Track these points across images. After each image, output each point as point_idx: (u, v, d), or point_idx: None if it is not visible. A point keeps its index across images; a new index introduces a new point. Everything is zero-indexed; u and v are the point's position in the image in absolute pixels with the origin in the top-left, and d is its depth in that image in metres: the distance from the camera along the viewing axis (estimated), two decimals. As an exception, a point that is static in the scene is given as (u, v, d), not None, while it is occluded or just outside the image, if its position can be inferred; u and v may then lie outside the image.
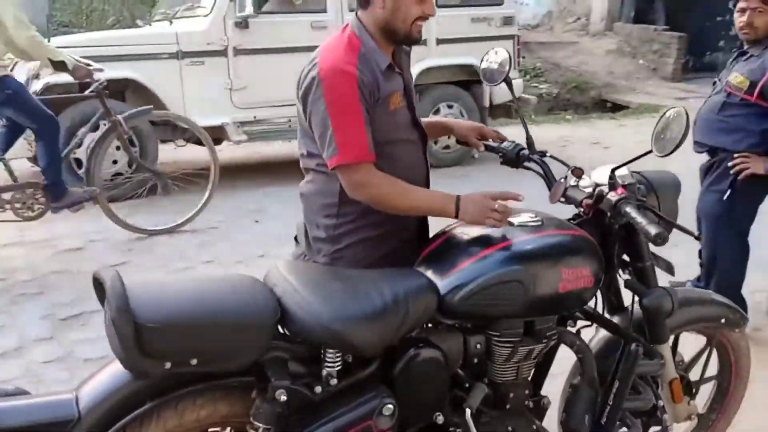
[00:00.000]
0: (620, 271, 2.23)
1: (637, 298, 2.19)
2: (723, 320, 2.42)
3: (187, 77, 5.46)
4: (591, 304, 2.16)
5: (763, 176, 3.30)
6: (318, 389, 1.78)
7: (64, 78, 4.88)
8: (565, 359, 2.24)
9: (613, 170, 2.04)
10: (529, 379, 2.13)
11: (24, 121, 4.65)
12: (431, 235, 2.21)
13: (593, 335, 2.32)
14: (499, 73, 2.37)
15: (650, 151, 2.01)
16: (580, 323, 2.20)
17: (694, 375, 2.55)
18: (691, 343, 2.55)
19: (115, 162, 5.78)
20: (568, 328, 2.16)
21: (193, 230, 5.24)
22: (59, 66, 4.61)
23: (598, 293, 2.14)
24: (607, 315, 2.26)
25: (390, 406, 1.80)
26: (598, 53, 12.86)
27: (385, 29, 2.10)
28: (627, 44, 12.92)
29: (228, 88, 6.02)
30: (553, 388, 2.27)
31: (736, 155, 3.31)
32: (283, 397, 1.72)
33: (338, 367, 1.80)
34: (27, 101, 4.62)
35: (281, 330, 1.79)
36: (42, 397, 1.69)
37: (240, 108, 6.04)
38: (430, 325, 2.02)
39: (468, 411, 1.95)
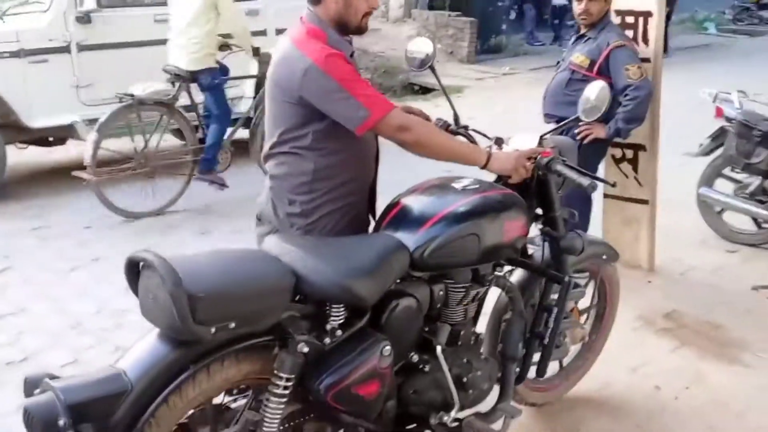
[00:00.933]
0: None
1: (548, 242, 2.65)
2: (605, 256, 2.95)
3: (31, 76, 5.22)
4: None
5: (603, 140, 3.95)
6: (327, 341, 2.05)
7: None
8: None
9: (541, 137, 2.47)
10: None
11: (211, 106, 5.59)
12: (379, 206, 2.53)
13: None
14: (423, 62, 2.72)
15: (578, 117, 2.46)
16: (506, 268, 2.62)
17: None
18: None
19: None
20: (497, 273, 2.57)
21: (66, 232, 5.11)
22: (256, 52, 5.63)
23: None
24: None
25: (388, 347, 2.10)
26: (401, 39, 13.45)
27: (339, 22, 2.35)
28: (425, 29, 13.66)
29: (74, 86, 5.82)
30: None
31: (581, 123, 3.91)
32: (306, 349, 1.97)
33: (341, 321, 2.08)
34: (222, 92, 5.62)
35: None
36: (88, 375, 1.81)
37: (88, 105, 5.84)
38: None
39: (438, 348, 2.32)
